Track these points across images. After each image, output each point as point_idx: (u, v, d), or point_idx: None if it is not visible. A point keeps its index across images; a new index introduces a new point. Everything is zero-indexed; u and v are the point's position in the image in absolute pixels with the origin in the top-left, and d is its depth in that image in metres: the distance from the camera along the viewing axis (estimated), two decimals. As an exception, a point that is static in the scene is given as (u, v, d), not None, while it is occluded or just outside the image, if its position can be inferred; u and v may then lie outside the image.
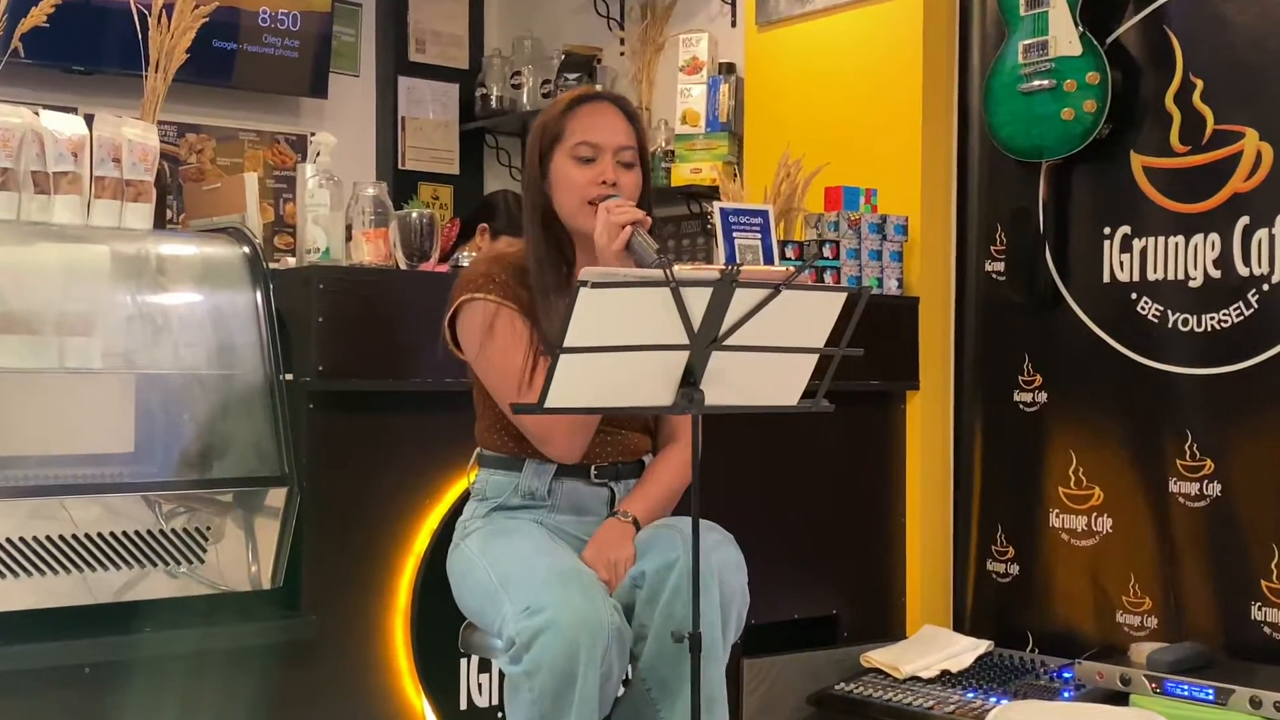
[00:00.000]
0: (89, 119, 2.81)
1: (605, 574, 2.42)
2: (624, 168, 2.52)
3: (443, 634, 2.80)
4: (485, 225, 4.12)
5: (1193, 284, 3.35)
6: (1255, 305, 3.23)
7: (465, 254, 3.75)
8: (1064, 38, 3.45)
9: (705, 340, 2.10)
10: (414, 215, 2.97)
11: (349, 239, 2.99)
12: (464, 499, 2.84)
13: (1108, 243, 3.51)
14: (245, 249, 2.87)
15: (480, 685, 3.00)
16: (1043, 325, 3.64)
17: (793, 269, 2.13)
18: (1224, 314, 3.29)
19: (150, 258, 2.82)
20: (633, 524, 2.51)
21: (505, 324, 2.48)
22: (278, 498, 2.74)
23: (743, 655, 3.36)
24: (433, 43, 5.39)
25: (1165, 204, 3.41)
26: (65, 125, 2.76)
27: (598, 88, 4.87)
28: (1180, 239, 3.37)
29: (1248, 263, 3.25)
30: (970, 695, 3.27)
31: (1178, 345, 3.37)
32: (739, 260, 3.32)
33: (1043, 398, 3.65)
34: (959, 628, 3.73)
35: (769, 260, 3.42)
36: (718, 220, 3.41)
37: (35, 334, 2.65)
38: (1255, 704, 2.87)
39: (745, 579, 2.46)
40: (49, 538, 2.53)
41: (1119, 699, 3.08)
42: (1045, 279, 3.61)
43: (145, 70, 2.97)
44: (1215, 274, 3.31)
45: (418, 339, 2.77)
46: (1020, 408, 3.69)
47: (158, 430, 2.82)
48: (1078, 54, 3.44)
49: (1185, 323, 3.36)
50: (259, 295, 2.81)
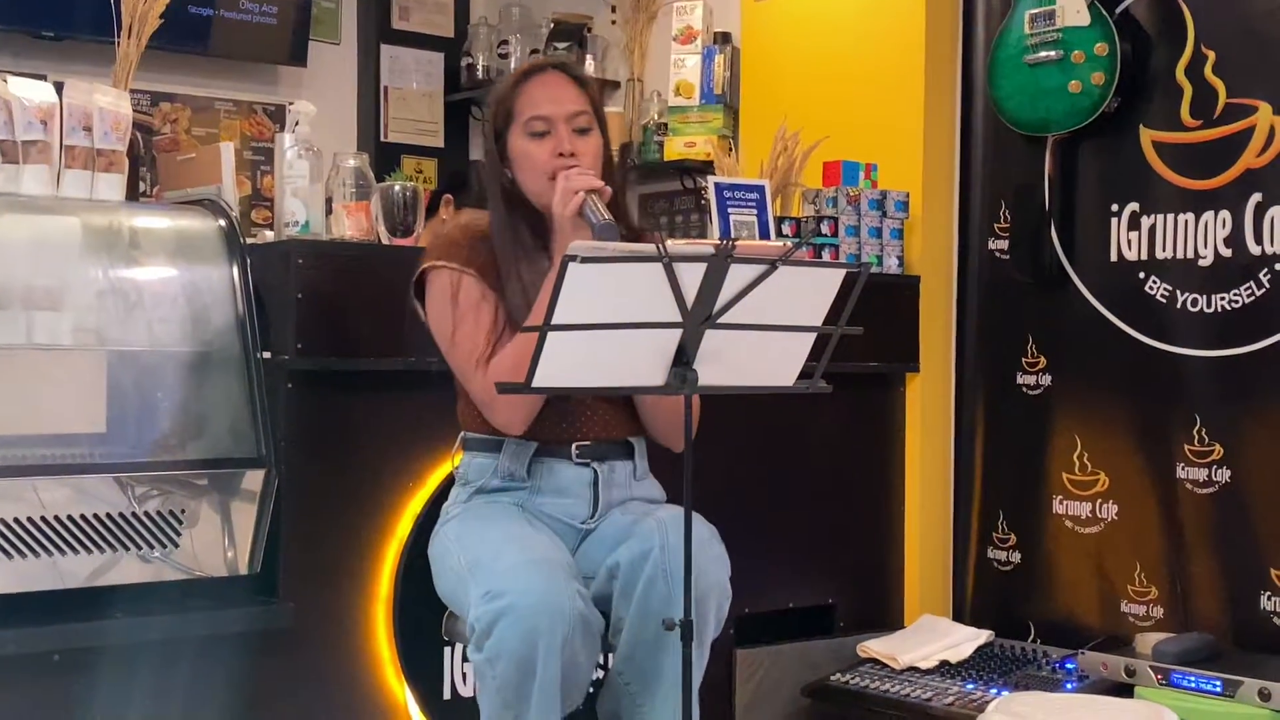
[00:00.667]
0: (59, 86, 2.75)
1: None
2: (579, 134, 2.51)
3: (425, 622, 2.76)
4: (449, 196, 4.05)
5: (1203, 263, 3.28)
6: (1267, 285, 3.17)
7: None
8: (1071, 7, 3.38)
9: (699, 318, 2.06)
10: (397, 188, 2.92)
11: (329, 212, 2.95)
12: (448, 483, 2.80)
13: (1115, 220, 3.44)
14: (221, 222, 2.80)
15: (464, 674, 2.94)
16: (1047, 305, 3.57)
17: (790, 245, 2.09)
18: (1235, 294, 3.22)
19: (122, 230, 2.76)
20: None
21: (467, 293, 2.48)
22: (255, 480, 2.69)
23: (736, 645, 3.32)
24: (416, 9, 5.29)
25: (1175, 180, 3.34)
26: (34, 92, 2.69)
27: (588, 60, 4.79)
28: (1190, 216, 3.30)
29: (1260, 241, 3.18)
30: (970, 686, 3.22)
31: (1187, 326, 3.30)
32: (734, 236, 3.26)
33: (1047, 380, 3.58)
34: (959, 617, 3.68)
35: (765, 237, 3.37)
36: (712, 195, 3.37)
37: (2, 309, 2.58)
38: (1264, 696, 2.82)
39: (727, 573, 2.42)
40: (17, 520, 2.48)
41: (1124, 691, 3.03)
42: (1050, 257, 3.54)
43: (118, 36, 2.90)
44: (1226, 253, 3.24)
45: (400, 316, 2.71)
46: (1023, 391, 3.62)
47: (130, 409, 2.79)
48: (1086, 24, 3.36)
49: (1195, 303, 3.29)
50: (235, 270, 2.75)
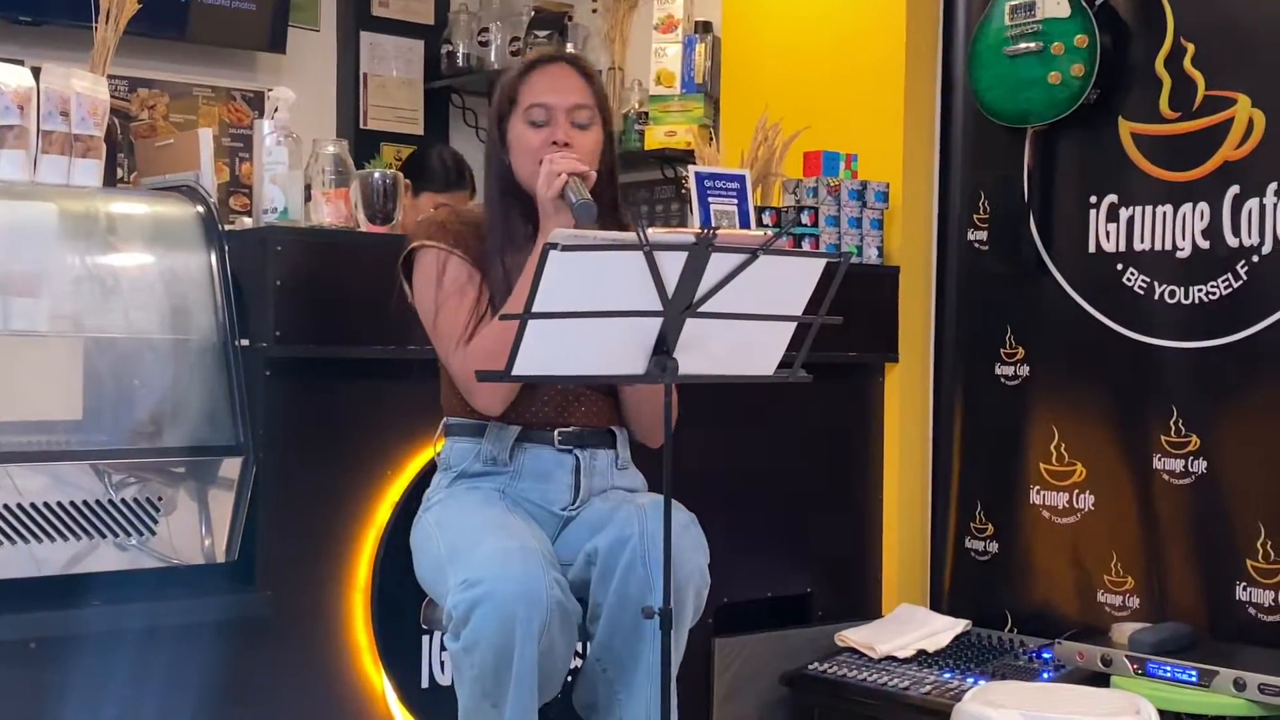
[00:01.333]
0: (36, 71, 2.72)
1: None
2: (579, 128, 2.53)
3: (404, 610, 2.76)
4: (408, 183, 4.03)
5: (1181, 255, 3.28)
6: (1245, 277, 3.17)
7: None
8: (1052, -1, 3.38)
9: (679, 306, 2.06)
10: (376, 175, 2.90)
11: (308, 199, 2.91)
12: (427, 470, 2.79)
13: (1094, 212, 3.44)
14: (199, 208, 2.78)
15: (443, 663, 2.93)
16: (1026, 296, 3.57)
17: (770, 234, 2.09)
18: (1212, 286, 3.22)
19: (100, 216, 2.74)
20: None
21: (452, 273, 2.48)
22: (232, 468, 2.67)
23: (714, 634, 3.31)
24: (396, -4, 5.28)
25: (1153, 172, 3.34)
26: (10, 77, 2.66)
27: (569, 48, 4.78)
28: (1168, 208, 3.30)
29: (1237, 233, 3.18)
30: (947, 675, 3.22)
31: (1164, 318, 3.30)
32: (714, 226, 3.25)
33: (1025, 371, 3.58)
34: (936, 607, 3.67)
35: (745, 226, 3.37)
36: (693, 185, 3.36)
37: (-22, 295, 2.56)
38: (1239, 686, 2.83)
39: (705, 560, 2.42)
40: (-8, 507, 2.45)
41: (1100, 680, 3.03)
42: (1029, 249, 3.54)
43: (95, 21, 2.88)
44: (1204, 244, 3.24)
45: (379, 303, 2.70)
46: (1002, 381, 3.62)
47: (107, 396, 2.77)
48: (1066, 16, 3.36)
49: (1172, 294, 3.29)
50: (213, 257, 2.73)
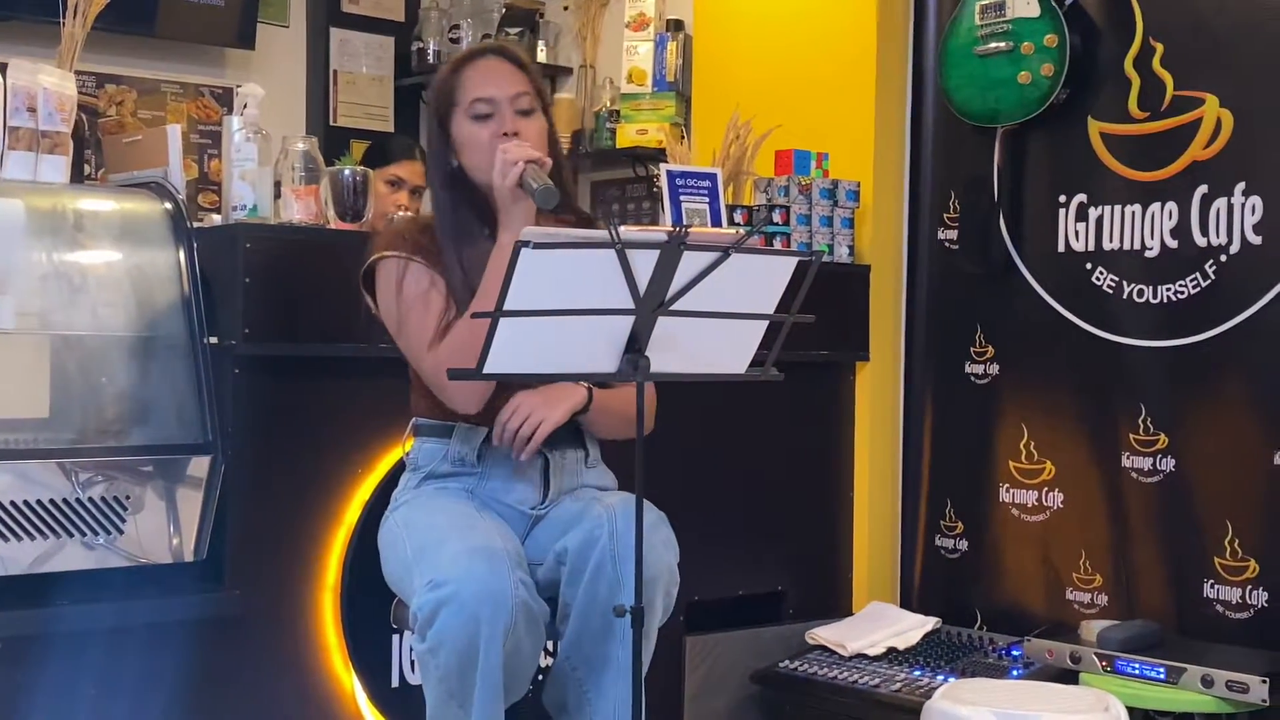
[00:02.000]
0: (2, 67, 2.71)
1: (518, 420, 2.43)
2: (522, 116, 2.51)
3: (373, 609, 2.73)
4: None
5: (1149, 254, 3.30)
6: (1213, 276, 3.18)
7: (400, 214, 3.64)
8: (1022, -1, 3.39)
9: (651, 305, 2.05)
10: (346, 172, 2.88)
11: (277, 196, 2.90)
12: (397, 469, 2.78)
13: (1063, 211, 3.46)
14: (167, 205, 2.77)
15: (412, 662, 2.92)
16: (996, 295, 3.58)
17: (742, 232, 2.08)
18: (1181, 285, 3.24)
19: (67, 213, 2.72)
20: (587, 391, 2.51)
21: (414, 279, 2.48)
22: (200, 466, 2.66)
23: (685, 633, 3.31)
24: (367, -7, 5.25)
25: (1122, 171, 3.35)
26: (-24, 73, 2.66)
27: (540, 45, 4.76)
28: (1137, 208, 3.32)
29: (1206, 233, 3.20)
30: (917, 673, 3.23)
31: (1133, 317, 3.32)
32: (686, 224, 3.25)
33: (994, 370, 3.60)
34: (906, 604, 3.69)
35: (717, 224, 3.36)
36: (664, 183, 3.36)
37: (-56, 292, 2.55)
38: (1207, 683, 2.84)
39: (675, 558, 2.41)
40: (-41, 506, 2.44)
41: (1069, 677, 3.04)
42: (999, 248, 3.56)
43: (63, 17, 2.86)
44: (1172, 244, 3.26)
45: (349, 301, 2.69)
46: (972, 380, 3.63)
47: (74, 394, 2.76)
48: (1036, 16, 3.37)
49: (1141, 294, 3.31)
50: (182, 254, 2.73)
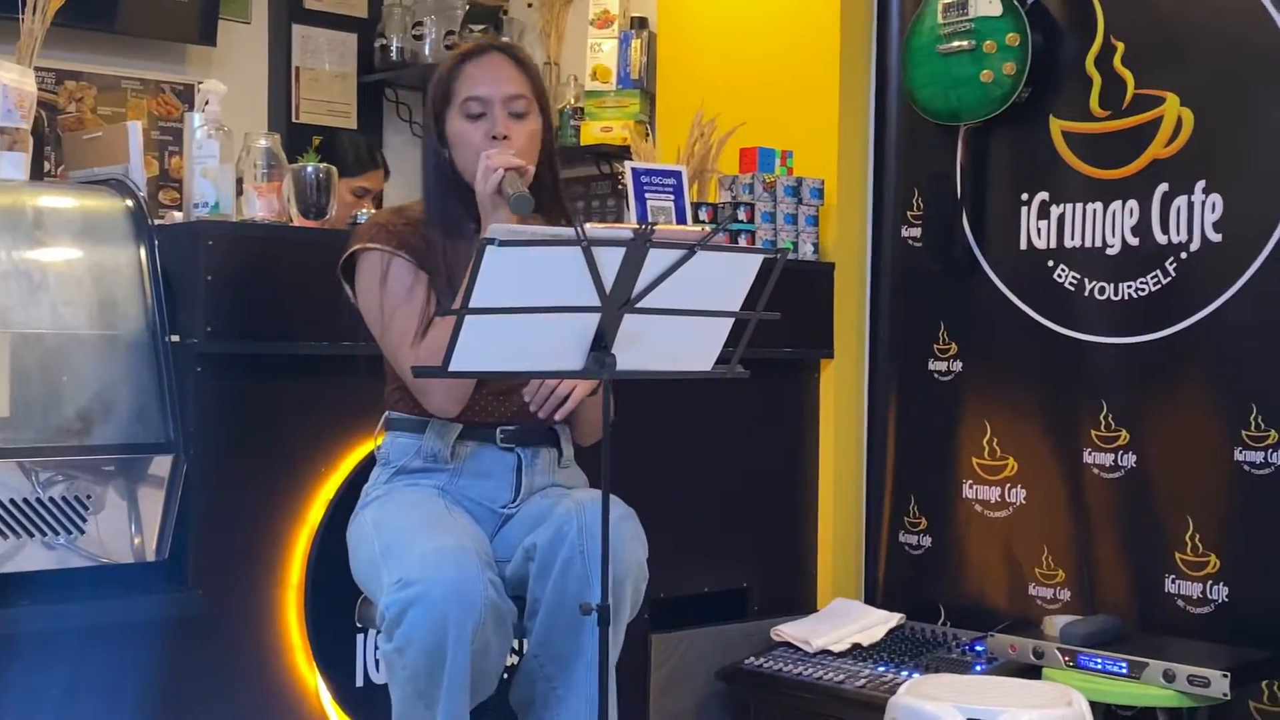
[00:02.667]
0: (-40, 62, 2.68)
1: (554, 382, 2.40)
2: (516, 118, 2.50)
3: (338, 608, 2.73)
4: None
5: (1110, 251, 3.32)
6: (1173, 274, 3.21)
7: (365, 212, 3.60)
8: (984, -2, 3.40)
9: (617, 302, 2.05)
10: (309, 169, 2.86)
11: (239, 193, 2.88)
12: (362, 468, 2.77)
13: (1025, 209, 3.47)
14: (128, 202, 2.75)
15: (377, 662, 2.91)
16: (959, 293, 3.60)
17: (708, 229, 2.08)
18: (1141, 282, 3.26)
19: (26, 210, 2.69)
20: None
21: (397, 274, 2.45)
22: (162, 465, 2.63)
23: (650, 630, 3.31)
24: (329, -10, 5.21)
25: (1084, 170, 3.37)
26: (-66, 68, 2.62)
27: (504, 39, 4.75)
28: (1098, 206, 3.34)
29: (1166, 230, 3.22)
30: (882, 669, 3.24)
31: (1095, 314, 3.34)
32: (651, 221, 3.25)
33: (958, 367, 3.61)
34: (871, 600, 3.69)
35: (682, 222, 3.36)
36: (629, 181, 3.35)
37: (-98, 290, 2.52)
38: (1169, 677, 2.86)
39: (644, 554, 2.42)
40: (-85, 506, 2.41)
41: (1032, 672, 3.06)
42: (962, 246, 3.57)
43: (22, 12, 2.83)
44: (1133, 241, 3.28)
45: (313, 299, 2.69)
46: (935, 377, 3.65)
47: (34, 393, 2.70)
48: (998, 15, 3.39)
49: (1102, 291, 3.33)
50: (143, 251, 2.70)
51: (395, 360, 2.48)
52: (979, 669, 3.16)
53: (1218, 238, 3.14)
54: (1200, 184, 3.16)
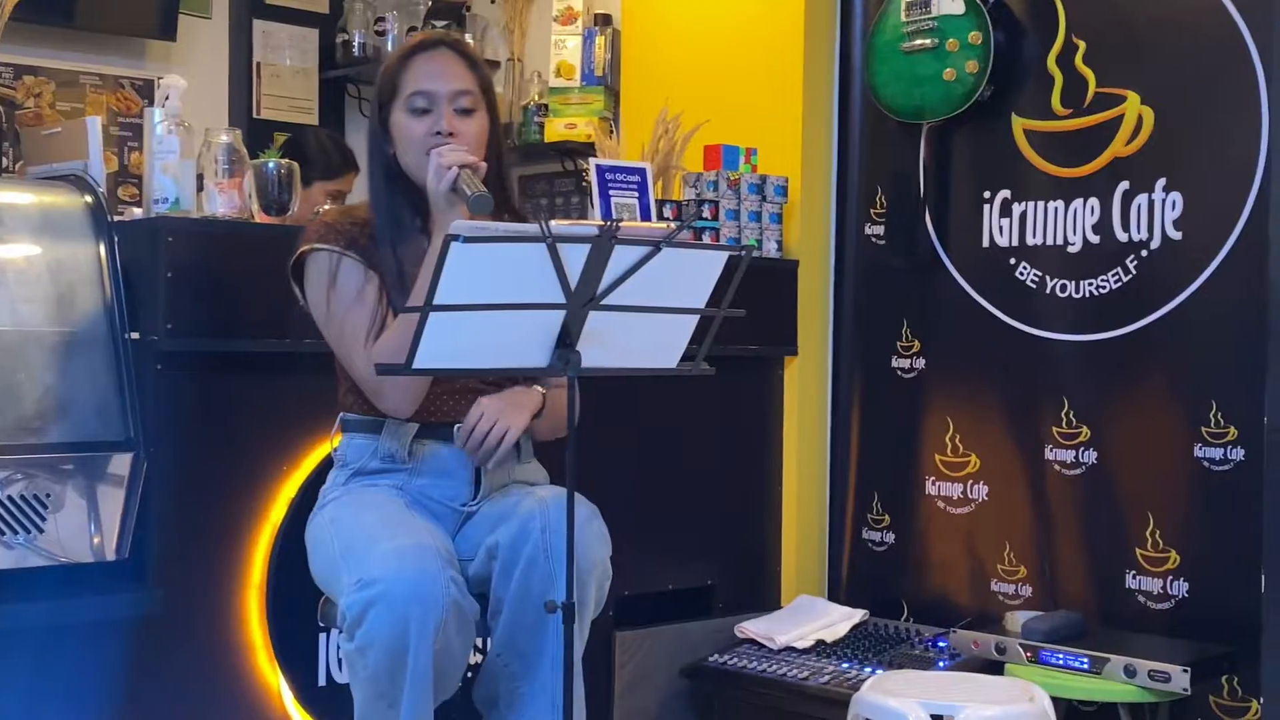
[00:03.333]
0: (-84, 57, 2.65)
1: (485, 425, 2.40)
2: (461, 114, 2.48)
3: (300, 608, 2.71)
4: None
5: (1072, 249, 3.33)
6: (1134, 271, 3.23)
7: (322, 207, 3.59)
8: (947, -4, 3.41)
9: (582, 299, 2.05)
10: (271, 165, 2.84)
11: (200, 189, 2.85)
12: (324, 466, 2.75)
13: (988, 207, 3.49)
14: (87, 198, 2.72)
15: (339, 661, 2.88)
16: (922, 290, 3.61)
17: (673, 226, 2.07)
18: (1102, 280, 3.28)
19: (-17, 206, 2.66)
20: (541, 395, 2.50)
21: (347, 275, 2.43)
22: (122, 464, 2.61)
23: (615, 627, 3.30)
24: (290, -16, 5.18)
25: (1045, 168, 3.39)
26: (-111, 62, 2.59)
27: (466, 35, 4.73)
28: (1060, 204, 3.36)
29: (1127, 228, 3.24)
30: (845, 665, 3.24)
31: (1056, 311, 3.35)
32: (616, 218, 3.24)
33: (921, 364, 3.62)
34: (834, 597, 3.70)
35: (646, 219, 3.36)
36: (593, 177, 3.35)
37: None
38: (1130, 673, 2.88)
39: (608, 552, 2.41)
40: (-128, 506, 2.38)
41: (994, 668, 3.07)
42: (925, 243, 3.58)
43: (-22, 6, 2.80)
44: (1094, 239, 3.30)
45: (274, 296, 2.66)
46: (898, 374, 3.66)
47: (-9, 391, 2.67)
48: (961, 13, 3.40)
49: (1064, 288, 3.34)
50: (103, 248, 2.67)
51: (349, 362, 2.46)
52: (942, 665, 3.17)
53: (1178, 236, 3.16)
54: (1161, 182, 3.18)
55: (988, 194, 3.49)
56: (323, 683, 2.90)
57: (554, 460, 2.58)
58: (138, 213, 2.93)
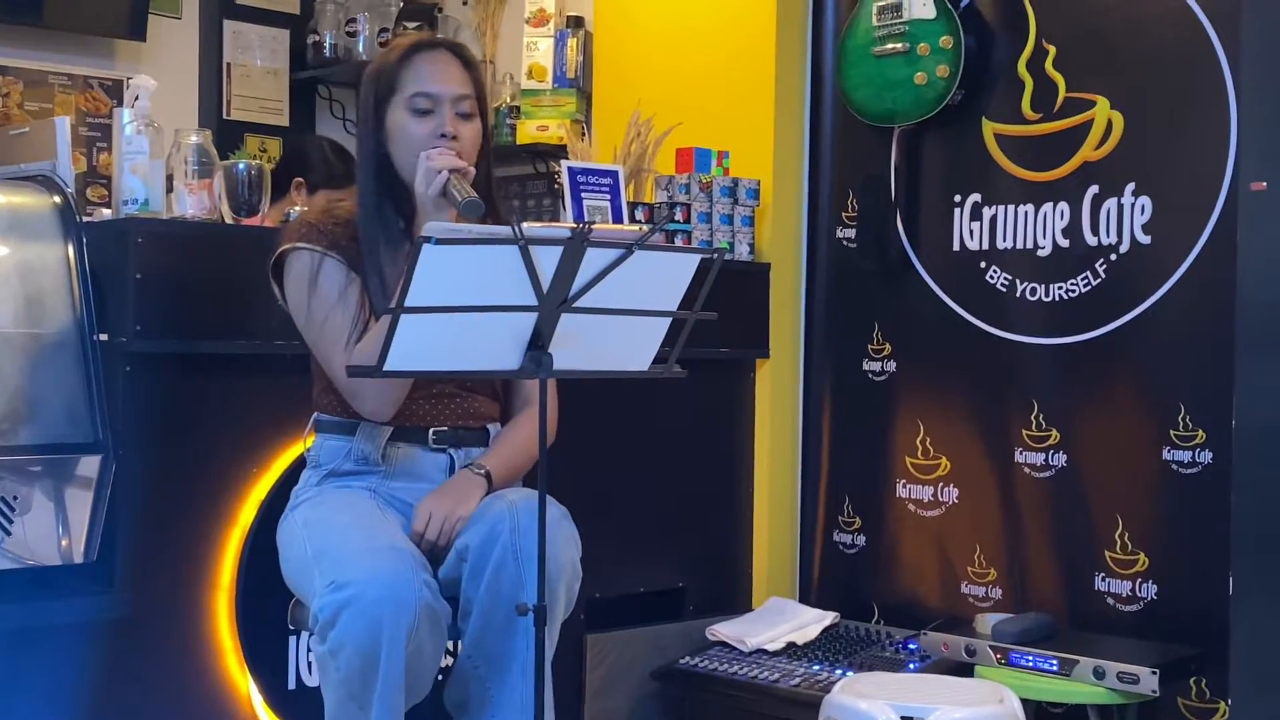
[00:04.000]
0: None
1: (435, 529, 2.37)
2: (462, 119, 2.48)
3: (270, 610, 2.70)
4: (300, 180, 3.91)
5: (1041, 253, 3.35)
6: (1103, 275, 3.24)
7: (292, 209, 3.56)
8: (918, 0, 3.42)
9: (554, 301, 2.05)
10: (241, 166, 2.83)
11: (170, 190, 2.83)
12: (294, 468, 2.74)
13: (958, 210, 3.50)
14: (56, 198, 2.69)
15: (309, 664, 2.88)
16: (893, 293, 3.62)
17: (646, 228, 2.08)
18: (1072, 284, 3.29)
19: (-51, 207, 2.64)
20: (485, 478, 2.46)
21: (329, 276, 2.42)
22: (90, 466, 2.59)
23: (586, 630, 3.30)
24: (261, -16, 5.16)
25: (1016, 172, 3.40)
26: None
27: (438, 35, 4.71)
28: (1030, 208, 3.37)
29: (1096, 232, 3.26)
30: (816, 668, 3.25)
31: (1026, 314, 3.37)
32: (588, 221, 3.24)
33: (891, 367, 3.63)
34: (805, 599, 3.71)
35: (618, 221, 3.36)
36: (565, 180, 3.34)
37: None
38: (1099, 674, 2.89)
39: (578, 554, 2.40)
40: None
41: (964, 670, 3.08)
42: (896, 246, 3.59)
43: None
44: (1064, 243, 3.31)
45: (244, 297, 2.65)
46: (869, 377, 3.67)
47: (-41, 393, 2.65)
48: (931, 17, 3.41)
49: (1034, 292, 3.36)
50: (71, 248, 2.65)
51: (328, 364, 2.45)
52: (912, 667, 3.18)
53: (1147, 240, 3.18)
54: (1130, 186, 3.20)
55: (958, 198, 3.50)
56: (292, 686, 2.88)
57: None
58: (107, 213, 2.91)
